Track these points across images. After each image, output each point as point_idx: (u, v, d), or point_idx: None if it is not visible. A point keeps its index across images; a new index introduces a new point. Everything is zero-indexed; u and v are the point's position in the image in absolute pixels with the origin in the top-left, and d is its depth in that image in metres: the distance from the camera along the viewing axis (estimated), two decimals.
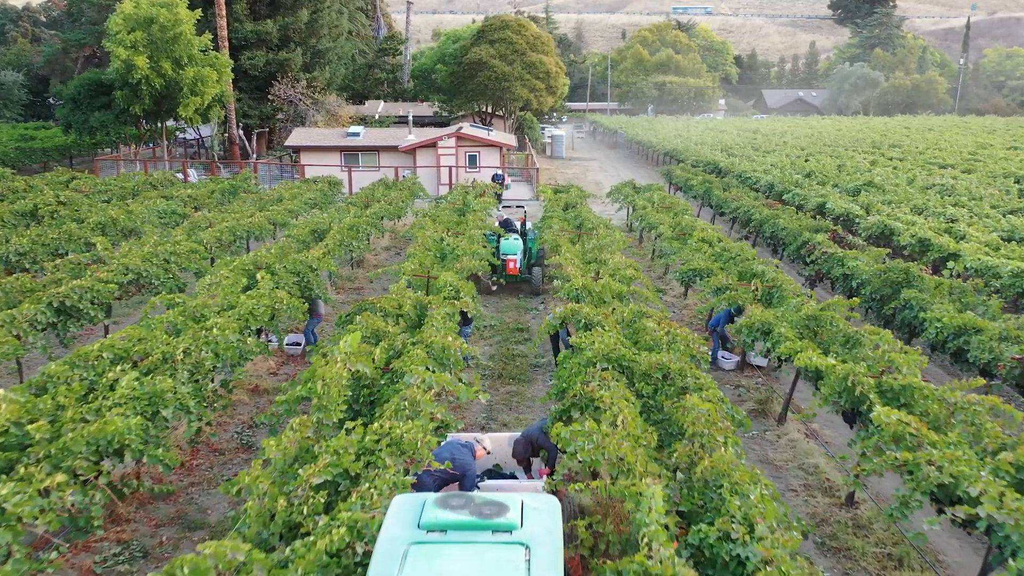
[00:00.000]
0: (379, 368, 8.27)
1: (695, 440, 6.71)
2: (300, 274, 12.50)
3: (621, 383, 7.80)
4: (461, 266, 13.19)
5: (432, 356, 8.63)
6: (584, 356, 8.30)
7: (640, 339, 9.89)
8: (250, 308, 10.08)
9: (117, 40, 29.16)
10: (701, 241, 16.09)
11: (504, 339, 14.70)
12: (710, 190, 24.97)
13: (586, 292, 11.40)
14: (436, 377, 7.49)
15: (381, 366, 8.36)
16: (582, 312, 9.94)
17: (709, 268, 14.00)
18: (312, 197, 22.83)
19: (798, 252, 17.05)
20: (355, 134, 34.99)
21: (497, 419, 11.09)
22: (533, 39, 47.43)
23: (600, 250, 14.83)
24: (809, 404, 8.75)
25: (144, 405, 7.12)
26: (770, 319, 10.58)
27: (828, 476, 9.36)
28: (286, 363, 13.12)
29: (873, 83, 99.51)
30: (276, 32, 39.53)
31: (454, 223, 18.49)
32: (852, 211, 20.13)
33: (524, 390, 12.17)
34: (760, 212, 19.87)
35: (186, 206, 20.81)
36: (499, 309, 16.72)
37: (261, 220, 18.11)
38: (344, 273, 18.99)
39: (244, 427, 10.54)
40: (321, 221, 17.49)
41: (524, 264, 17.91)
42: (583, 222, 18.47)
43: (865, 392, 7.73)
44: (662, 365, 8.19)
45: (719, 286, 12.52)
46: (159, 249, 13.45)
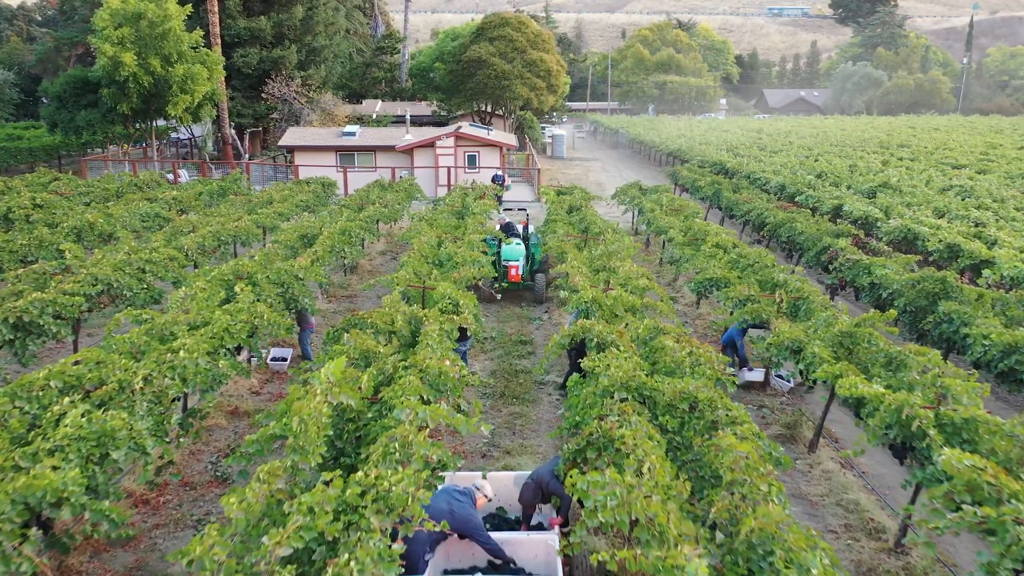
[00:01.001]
0: (366, 398, 7.27)
1: (734, 490, 5.72)
2: (285, 285, 11.49)
3: (643, 417, 6.81)
4: (460, 275, 12.19)
5: (427, 382, 7.64)
6: (600, 384, 7.30)
7: (659, 360, 8.90)
8: (226, 325, 9.08)
9: (103, 36, 28.16)
10: (715, 247, 15.09)
11: (506, 352, 13.70)
12: (719, 191, 23.98)
13: (596, 306, 10.40)
14: (431, 411, 6.48)
15: (369, 395, 7.37)
16: (595, 331, 8.94)
17: (726, 277, 13.01)
18: (304, 199, 21.83)
19: (817, 258, 16.06)
20: (351, 134, 33.98)
21: (500, 445, 10.08)
22: (534, 36, 46.43)
23: (609, 257, 13.83)
24: (855, 440, 7.74)
25: (91, 447, 6.12)
26: (800, 336, 9.58)
27: (872, 515, 8.36)
28: (271, 380, 12.12)
29: (876, 82, 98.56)
30: (270, 29, 38.52)
31: (452, 227, 17.50)
32: (871, 214, 19.14)
33: (528, 411, 11.17)
34: (775, 215, 18.87)
35: (171, 209, 19.80)
36: (500, 319, 15.72)
37: (248, 224, 17.11)
38: (336, 280, 17.99)
39: (220, 456, 9.52)
40: (312, 225, 16.50)
41: (527, 271, 16.92)
42: (589, 226, 17.47)
43: (923, 428, 6.74)
44: (688, 394, 7.19)
45: (740, 298, 11.51)
46: (133, 257, 12.43)
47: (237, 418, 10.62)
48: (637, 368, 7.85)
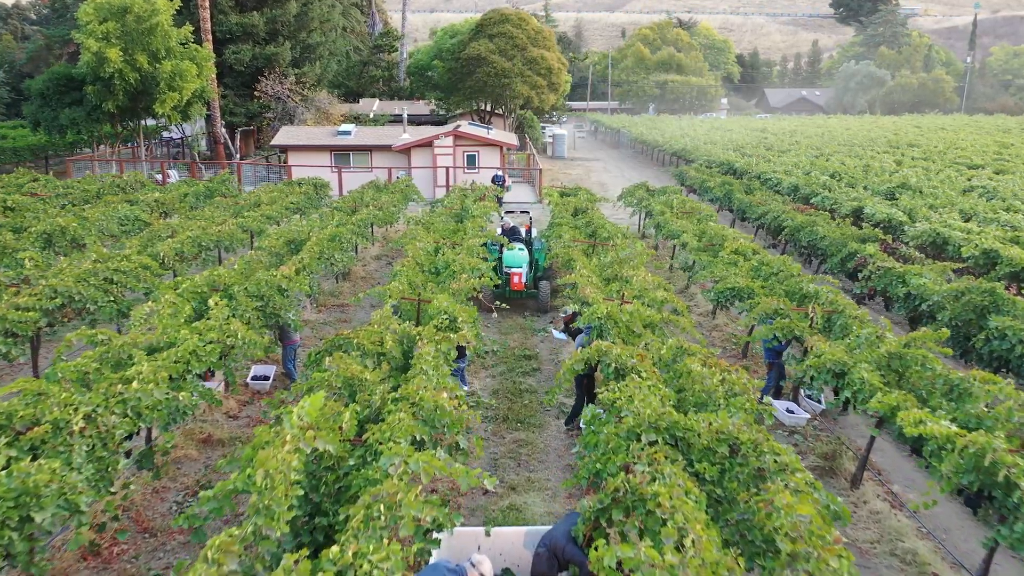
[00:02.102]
0: (348, 440, 6.18)
1: (798, 567, 4.63)
2: (265, 297, 10.38)
3: (677, 465, 5.70)
4: (458, 286, 11.08)
5: (420, 417, 6.55)
6: (624, 424, 6.20)
7: (685, 387, 7.80)
8: (193, 346, 7.97)
9: (88, 31, 27.04)
10: (735, 253, 14.00)
11: (509, 369, 12.60)
12: (731, 193, 22.88)
13: (611, 322, 9.30)
14: (424, 462, 5.38)
15: (352, 435, 6.27)
16: (612, 354, 7.83)
17: (749, 287, 11.91)
18: (295, 201, 20.72)
19: (842, 265, 14.97)
20: (346, 133, 32.88)
21: (504, 480, 8.98)
22: (534, 33, 45.32)
23: (620, 265, 12.73)
24: (925, 491, 6.62)
25: (7, 509, 5.01)
26: (844, 358, 8.49)
27: (934, 568, 7.27)
28: (250, 402, 11.01)
29: (879, 81, 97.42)
30: (263, 25, 37.38)
31: (450, 231, 16.40)
32: (895, 217, 18.04)
33: (535, 438, 10.07)
34: (793, 218, 17.77)
35: (153, 212, 18.69)
36: (502, 330, 14.63)
37: (233, 228, 16.00)
38: (328, 288, 16.89)
39: (188, 494, 8.42)
40: (300, 230, 15.39)
41: (530, 278, 15.83)
42: (597, 230, 16.37)
43: (1013, 479, 5.64)
44: (727, 435, 6.10)
45: (769, 311, 10.40)
46: (100, 266, 11.32)
47: (210, 447, 9.51)
48: (665, 401, 6.75)
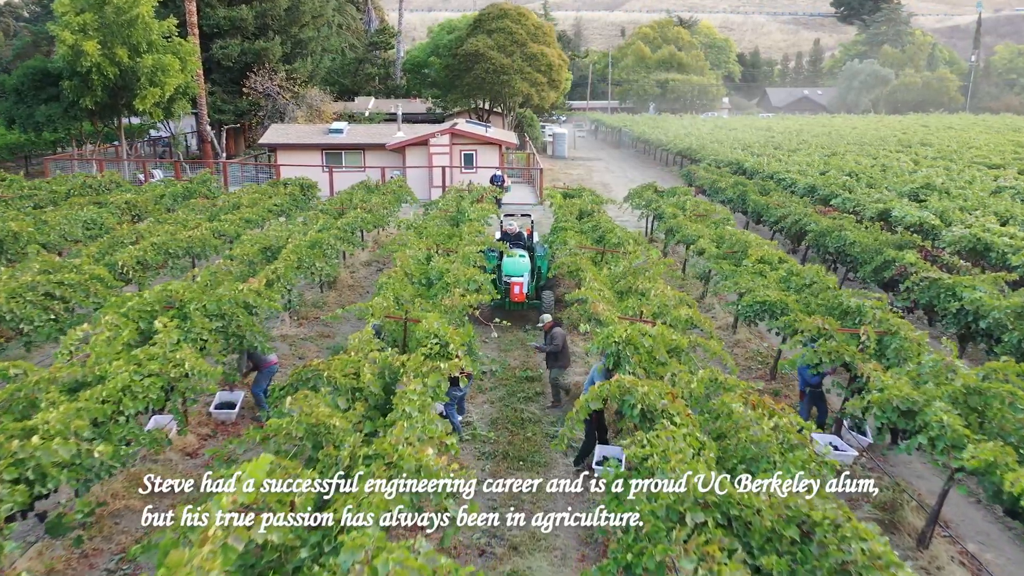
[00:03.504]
0: (300, 517, 4.75)
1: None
2: (227, 316, 8.95)
3: (735, 563, 4.28)
4: (452, 302, 9.66)
5: (401, 487, 5.13)
6: (661, 499, 4.77)
7: (726, 433, 6.38)
8: (124, 382, 6.55)
9: (63, 23, 25.60)
10: (760, 262, 12.59)
11: (509, 393, 11.18)
12: (745, 194, 21.46)
13: (631, 348, 7.88)
14: (397, 564, 3.96)
15: (308, 508, 4.84)
16: (637, 393, 6.41)
17: (782, 301, 10.49)
18: (278, 203, 19.28)
19: (877, 274, 13.56)
20: (338, 131, 31.44)
21: (505, 536, 7.56)
22: (534, 29, 43.88)
23: (635, 276, 11.32)
24: (1013, 552, 5.20)
25: None
26: (913, 394, 7.07)
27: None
28: (213, 435, 9.59)
29: (883, 80, 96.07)
30: (252, 19, 35.92)
31: (445, 237, 14.98)
32: (927, 220, 16.63)
33: (540, 479, 8.64)
34: (817, 222, 16.36)
35: (123, 215, 17.25)
36: (502, 347, 13.20)
37: (206, 233, 14.57)
38: (311, 298, 15.47)
39: (121, 558, 6.99)
40: (279, 235, 13.97)
41: (532, 288, 14.40)
42: (604, 235, 14.96)
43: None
44: (795, 511, 4.68)
45: (812, 331, 8.97)
46: (41, 279, 9.88)
47: (159, 496, 8.07)
48: (709, 460, 5.34)
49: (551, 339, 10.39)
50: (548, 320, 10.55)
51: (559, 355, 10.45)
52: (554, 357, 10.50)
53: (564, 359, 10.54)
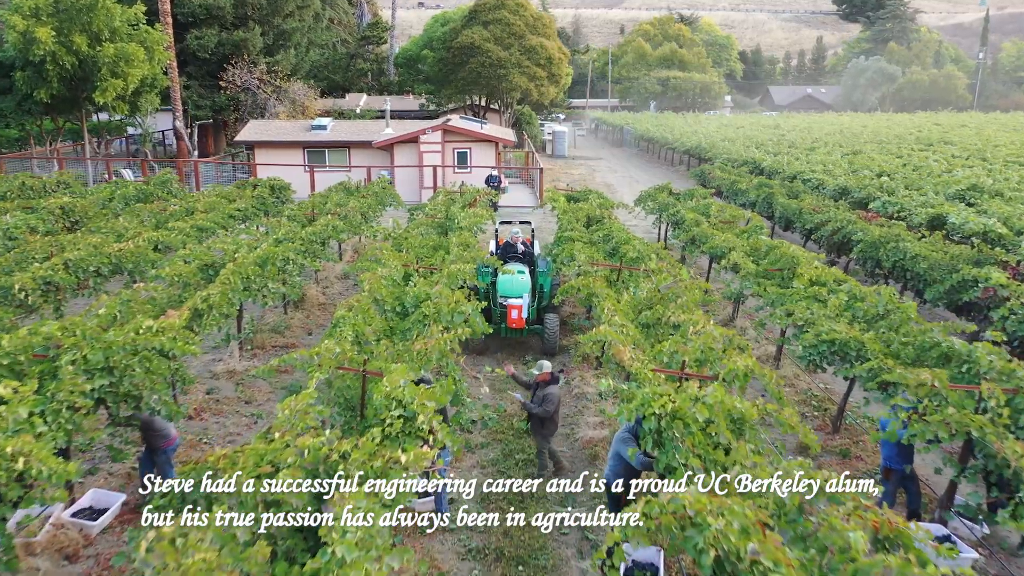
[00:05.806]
0: None
1: None
2: (119, 370, 6.53)
3: None
4: (426, 346, 7.25)
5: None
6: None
7: (836, 570, 4.02)
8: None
9: (13, 6, 23.15)
10: (814, 284, 10.21)
11: (503, 454, 8.79)
12: (771, 197, 19.09)
13: (678, 426, 5.49)
14: None
15: None
16: (707, 530, 4.00)
17: (857, 340, 8.11)
18: (241, 208, 16.87)
19: (950, 296, 11.20)
20: (321, 127, 29.05)
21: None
22: (533, 20, 41.49)
23: (664, 304, 8.94)
24: None
25: None
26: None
27: None
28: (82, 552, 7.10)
29: (890, 78, 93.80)
30: (231, 7, 33.45)
31: (429, 249, 12.59)
32: (992, 228, 14.27)
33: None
34: (868, 231, 13.99)
35: (57, 222, 14.84)
36: (496, 385, 10.82)
37: (142, 245, 12.15)
38: (271, 320, 13.09)
39: None
40: (227, 249, 11.58)
41: (533, 311, 11.99)
42: (618, 246, 12.56)
43: None
44: None
45: (922, 393, 6.56)
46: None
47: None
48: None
49: (544, 399, 7.86)
50: (546, 370, 7.99)
51: (546, 420, 8.03)
52: (540, 422, 8.07)
53: (551, 426, 8.12)
